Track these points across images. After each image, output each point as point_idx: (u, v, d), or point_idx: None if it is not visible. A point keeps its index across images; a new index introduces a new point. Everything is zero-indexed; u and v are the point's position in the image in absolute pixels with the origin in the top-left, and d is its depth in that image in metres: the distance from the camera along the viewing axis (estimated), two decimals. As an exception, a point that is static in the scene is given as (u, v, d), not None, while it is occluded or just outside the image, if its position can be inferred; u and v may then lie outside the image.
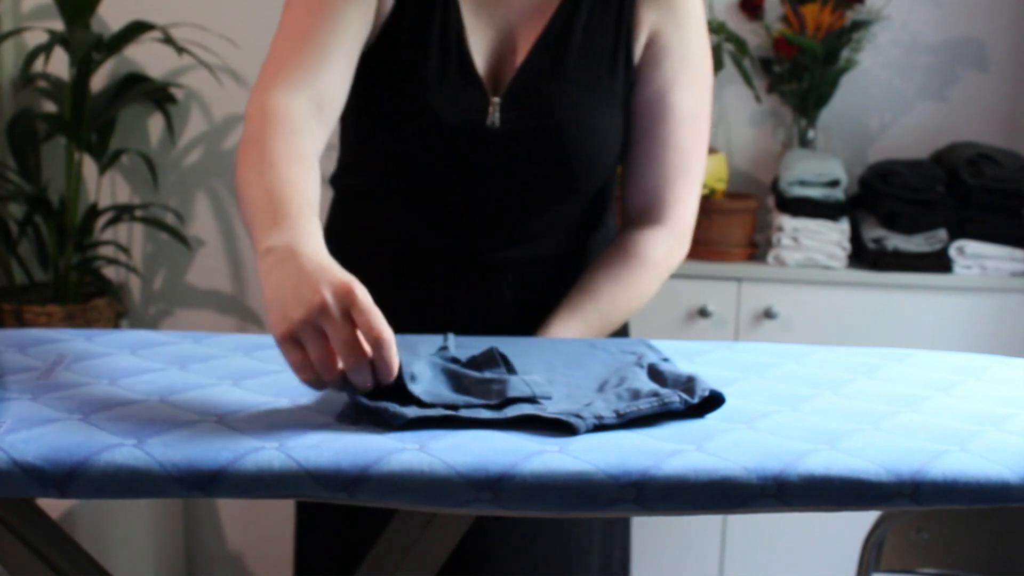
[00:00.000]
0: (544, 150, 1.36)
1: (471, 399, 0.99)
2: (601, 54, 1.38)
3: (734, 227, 2.44)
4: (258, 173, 1.12)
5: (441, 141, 1.35)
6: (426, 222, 1.40)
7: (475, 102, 1.35)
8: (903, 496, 0.88)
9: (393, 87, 1.36)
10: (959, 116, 2.67)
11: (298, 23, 1.29)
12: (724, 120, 2.69)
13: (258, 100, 1.23)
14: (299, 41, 1.28)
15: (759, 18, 2.61)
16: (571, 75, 1.37)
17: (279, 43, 1.29)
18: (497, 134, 1.35)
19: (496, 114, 1.35)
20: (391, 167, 1.39)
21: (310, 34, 1.28)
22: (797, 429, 0.97)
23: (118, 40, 2.49)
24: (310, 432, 0.92)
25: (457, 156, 1.36)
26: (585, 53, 1.37)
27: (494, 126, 1.35)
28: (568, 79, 1.36)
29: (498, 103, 1.35)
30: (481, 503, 0.86)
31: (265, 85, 1.25)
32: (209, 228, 2.75)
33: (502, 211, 1.39)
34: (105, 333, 1.23)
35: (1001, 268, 2.38)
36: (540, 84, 1.36)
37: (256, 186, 1.10)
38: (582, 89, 1.37)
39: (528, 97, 1.36)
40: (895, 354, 1.25)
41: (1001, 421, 1.01)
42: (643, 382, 1.04)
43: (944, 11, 2.64)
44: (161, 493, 0.87)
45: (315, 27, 1.28)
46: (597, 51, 1.38)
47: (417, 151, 1.36)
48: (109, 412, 0.96)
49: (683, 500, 0.87)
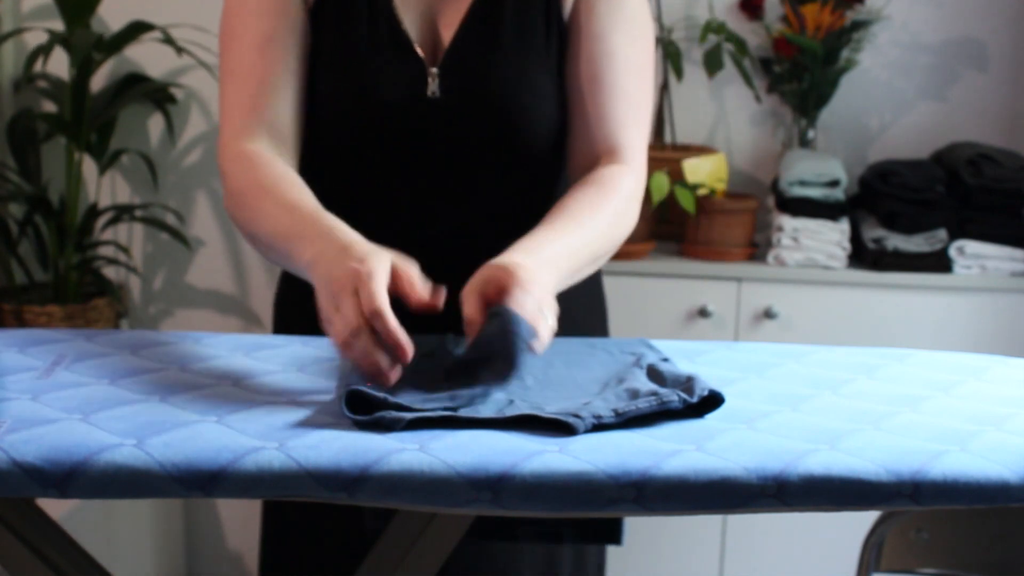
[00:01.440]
0: (486, 117, 1.36)
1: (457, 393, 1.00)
2: (534, 18, 1.38)
3: (734, 227, 2.44)
4: (265, 214, 1.23)
5: (383, 116, 1.35)
6: (379, 203, 1.39)
7: (414, 74, 1.36)
8: (903, 496, 0.88)
9: (329, 69, 1.37)
10: (959, 116, 2.67)
11: (240, 63, 1.36)
12: (724, 120, 2.69)
13: (229, 152, 1.32)
14: (245, 83, 1.35)
15: (759, 18, 2.61)
16: (505, 42, 1.37)
17: (228, 88, 1.37)
18: (438, 104, 1.35)
19: (435, 84, 1.36)
20: (338, 154, 1.39)
21: (253, 73, 1.34)
22: (797, 429, 0.97)
23: (118, 40, 2.49)
24: (310, 432, 0.92)
25: (400, 129, 1.36)
26: (516, 19, 1.38)
27: (435, 96, 1.36)
28: (503, 46, 1.37)
29: (436, 73, 1.36)
30: (481, 503, 0.86)
31: (229, 136, 1.34)
32: (209, 228, 2.75)
33: (450, 183, 1.38)
34: (105, 333, 1.23)
35: (1001, 268, 2.38)
36: (476, 52, 1.37)
37: (272, 220, 1.21)
38: (518, 55, 1.37)
39: (465, 66, 1.36)
40: (895, 354, 1.25)
41: (1001, 421, 1.01)
42: (642, 382, 1.04)
43: (944, 11, 2.64)
44: (161, 493, 0.87)
45: (255, 65, 1.34)
46: (529, 15, 1.38)
47: (361, 129, 1.36)
48: (109, 412, 0.96)
49: (683, 500, 0.87)
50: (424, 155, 1.37)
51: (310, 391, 1.05)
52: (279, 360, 1.16)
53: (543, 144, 1.40)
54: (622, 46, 1.39)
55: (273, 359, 1.16)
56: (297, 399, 1.02)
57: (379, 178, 1.39)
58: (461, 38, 1.37)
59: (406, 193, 1.39)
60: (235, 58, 1.37)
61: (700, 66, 2.55)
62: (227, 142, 1.34)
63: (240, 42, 1.36)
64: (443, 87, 1.36)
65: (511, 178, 1.41)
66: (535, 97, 1.37)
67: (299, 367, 1.13)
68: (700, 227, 2.43)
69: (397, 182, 1.39)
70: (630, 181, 1.36)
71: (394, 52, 1.37)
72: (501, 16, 1.38)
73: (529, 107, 1.37)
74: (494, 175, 1.40)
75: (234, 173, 1.31)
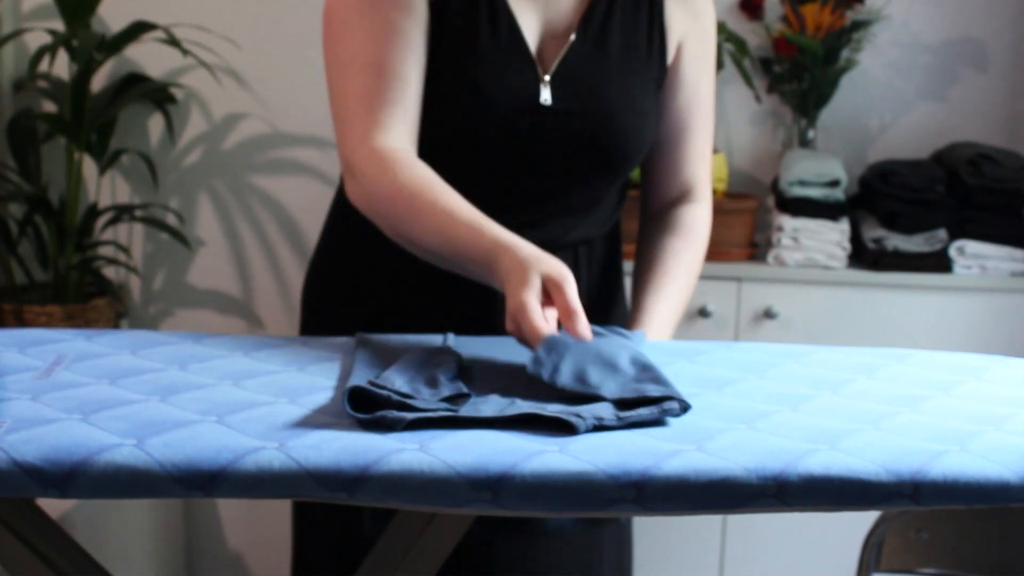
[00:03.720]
0: (593, 129, 1.39)
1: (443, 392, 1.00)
2: (638, 43, 1.43)
3: (734, 227, 2.44)
4: (425, 225, 1.24)
5: (496, 119, 1.35)
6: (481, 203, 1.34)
7: (528, 80, 1.37)
8: (903, 496, 0.88)
9: (448, 68, 1.36)
10: (959, 116, 2.67)
11: (367, 54, 1.31)
12: (724, 120, 2.69)
13: (363, 149, 1.29)
14: (376, 75, 1.30)
15: (759, 18, 2.61)
16: (613, 57, 1.41)
17: (355, 78, 1.31)
18: (549, 112, 1.37)
19: (547, 92, 1.37)
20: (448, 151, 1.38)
21: (384, 64, 1.30)
22: (797, 429, 0.97)
23: (119, 40, 2.49)
24: (310, 432, 0.92)
25: (512, 133, 1.36)
26: (623, 35, 1.41)
27: (546, 104, 1.37)
28: (610, 61, 1.40)
29: (548, 81, 1.37)
30: (481, 503, 0.86)
31: (360, 130, 1.29)
32: (209, 228, 2.75)
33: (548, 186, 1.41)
34: (105, 333, 1.23)
35: (1001, 268, 2.38)
36: (586, 65, 1.39)
37: (437, 232, 1.23)
38: (622, 72, 1.41)
39: (576, 77, 1.39)
40: (895, 354, 1.25)
41: (1001, 421, 1.01)
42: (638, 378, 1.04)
43: (944, 11, 2.64)
44: (161, 493, 0.87)
45: (386, 56, 1.30)
46: (634, 39, 1.42)
47: (473, 130, 1.36)
48: (109, 412, 0.96)
49: (683, 500, 0.87)
50: (530, 160, 1.39)
51: (310, 391, 1.05)
52: (279, 360, 1.16)
53: (635, 158, 1.45)
54: (707, 91, 1.49)
55: (273, 359, 1.16)
56: (297, 399, 1.02)
57: (482, 179, 1.39)
58: (572, 50, 1.39)
59: (507, 195, 1.40)
60: (357, 48, 1.31)
61: (700, 66, 2.55)
62: (358, 137, 1.29)
63: (363, 32, 1.31)
64: (554, 95, 1.37)
65: (598, 184, 1.45)
66: (636, 116, 1.41)
67: (299, 367, 1.13)
68: (700, 227, 2.43)
69: (501, 184, 1.40)
70: (705, 218, 1.52)
71: (512, 57, 1.37)
72: (609, 30, 1.41)
73: (631, 125, 1.41)
74: (587, 181, 1.43)
75: (374, 175, 1.27)
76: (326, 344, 1.23)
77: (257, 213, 2.73)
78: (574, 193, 1.43)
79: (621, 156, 1.41)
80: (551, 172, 1.40)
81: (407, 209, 1.25)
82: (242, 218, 2.74)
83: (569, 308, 1.10)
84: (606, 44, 1.40)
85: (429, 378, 1.05)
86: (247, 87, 2.67)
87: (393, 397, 0.96)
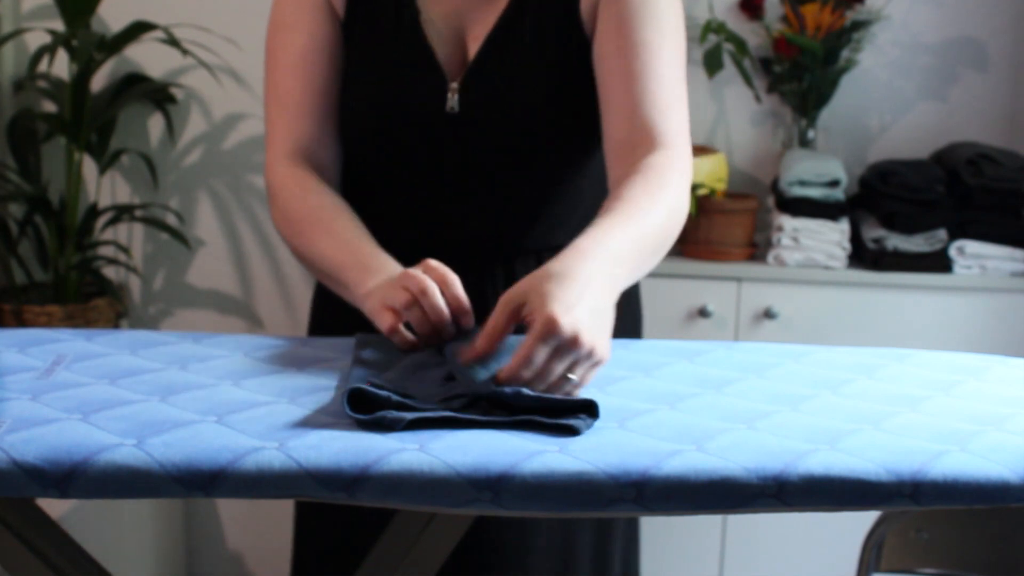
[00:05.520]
0: (502, 132, 1.38)
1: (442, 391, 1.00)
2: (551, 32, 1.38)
3: (734, 227, 2.44)
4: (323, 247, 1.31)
5: (403, 129, 1.39)
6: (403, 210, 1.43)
7: (433, 88, 1.38)
8: (903, 496, 0.88)
9: (355, 83, 1.41)
10: (959, 116, 2.67)
11: (279, 85, 1.42)
12: (724, 120, 2.69)
13: (278, 173, 1.39)
14: (284, 106, 1.41)
15: (759, 18, 2.61)
16: (526, 56, 1.38)
17: (270, 109, 1.43)
18: (456, 119, 1.38)
19: (455, 99, 1.38)
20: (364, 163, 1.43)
21: (290, 96, 1.41)
22: (797, 429, 0.97)
23: (119, 40, 2.49)
24: (310, 432, 0.92)
25: (419, 142, 1.39)
26: (536, 34, 1.38)
27: (453, 111, 1.38)
28: (524, 61, 1.38)
29: (456, 88, 1.38)
30: (481, 503, 0.86)
31: (274, 157, 1.40)
32: (209, 228, 2.75)
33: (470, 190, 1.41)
34: (105, 333, 1.23)
35: (1001, 268, 2.38)
36: (497, 70, 1.38)
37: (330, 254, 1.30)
38: (537, 69, 1.38)
39: (486, 81, 1.38)
40: (895, 354, 1.25)
41: (1001, 421, 1.01)
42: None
43: (944, 11, 2.64)
44: (161, 493, 0.87)
45: (291, 88, 1.40)
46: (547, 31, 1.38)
47: (383, 141, 1.40)
48: (109, 412, 0.96)
49: (683, 500, 0.87)
50: (444, 165, 1.40)
51: (310, 391, 1.05)
52: (279, 360, 1.16)
53: (561, 153, 1.41)
54: (654, 38, 1.35)
55: (273, 359, 1.16)
56: (297, 399, 1.02)
57: (402, 187, 1.42)
58: (483, 53, 1.38)
59: (428, 201, 1.42)
60: (275, 79, 1.42)
61: (700, 66, 2.55)
62: (274, 162, 1.40)
63: (278, 63, 1.42)
64: (462, 102, 1.38)
65: (530, 183, 1.42)
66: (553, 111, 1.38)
67: (299, 367, 1.13)
68: (700, 227, 2.43)
69: (420, 191, 1.42)
70: (677, 168, 1.32)
71: (416, 66, 1.39)
72: (522, 33, 1.38)
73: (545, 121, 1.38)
74: (514, 182, 1.41)
75: (286, 197, 1.37)
76: (326, 344, 1.23)
77: (257, 213, 2.73)
78: (505, 196, 1.41)
79: (535, 153, 1.38)
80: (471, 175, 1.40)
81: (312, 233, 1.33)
82: (242, 218, 2.74)
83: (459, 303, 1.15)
84: (519, 43, 1.38)
85: (429, 378, 1.05)
86: (247, 87, 2.67)
87: (392, 397, 0.96)
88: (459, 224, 1.42)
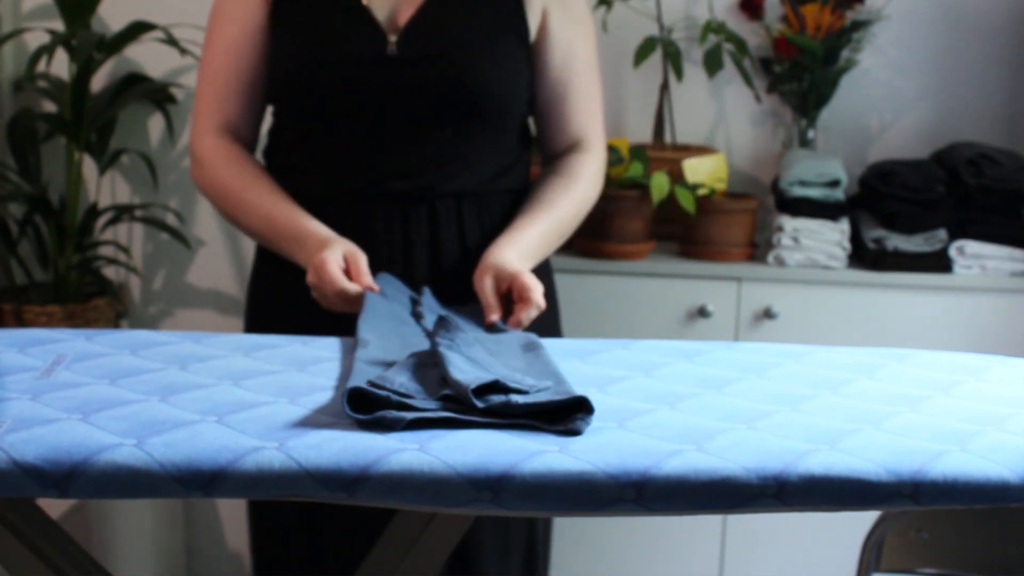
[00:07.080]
0: (443, 75, 1.50)
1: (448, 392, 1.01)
2: (497, 3, 1.55)
3: (734, 227, 2.44)
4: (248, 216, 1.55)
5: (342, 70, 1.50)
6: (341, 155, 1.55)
7: (372, 37, 1.51)
8: (903, 496, 0.88)
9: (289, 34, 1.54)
10: (959, 116, 2.67)
11: (210, 64, 1.59)
12: (724, 120, 2.69)
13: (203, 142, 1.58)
14: (213, 84, 1.59)
15: (759, 18, 2.61)
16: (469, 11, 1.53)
17: (202, 85, 1.60)
18: (396, 60, 1.50)
19: (394, 47, 1.51)
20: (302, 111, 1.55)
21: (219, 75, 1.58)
22: (797, 429, 0.97)
23: (119, 40, 2.49)
24: (310, 432, 0.92)
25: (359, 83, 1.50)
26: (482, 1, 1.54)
27: (393, 54, 1.50)
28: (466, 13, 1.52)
29: (394, 40, 1.51)
30: (481, 503, 0.86)
31: (202, 128, 1.59)
32: (209, 228, 2.74)
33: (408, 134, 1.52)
34: (105, 333, 1.24)
35: (1001, 268, 2.38)
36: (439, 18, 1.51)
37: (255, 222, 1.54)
38: (479, 20, 1.53)
39: (428, 29, 1.51)
40: (895, 354, 1.25)
41: (1001, 421, 1.01)
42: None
43: (944, 11, 2.64)
44: (161, 493, 0.87)
45: (220, 68, 1.58)
46: None
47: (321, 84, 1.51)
48: (109, 412, 0.96)
49: (683, 500, 0.87)
50: (382, 108, 1.51)
51: (310, 391, 1.05)
52: (279, 360, 1.16)
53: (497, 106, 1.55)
54: (584, 51, 1.62)
55: (273, 359, 1.16)
56: (297, 399, 1.02)
57: (340, 131, 1.54)
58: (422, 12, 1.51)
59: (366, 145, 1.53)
60: (209, 58, 1.60)
61: (700, 66, 2.55)
62: (202, 133, 1.59)
63: (213, 46, 1.59)
64: (402, 47, 1.50)
65: (467, 128, 1.54)
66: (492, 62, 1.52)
67: (299, 367, 1.13)
68: (700, 227, 2.43)
69: (357, 134, 1.53)
70: (593, 164, 1.62)
71: (351, 18, 1.52)
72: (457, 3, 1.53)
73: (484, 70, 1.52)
74: (451, 126, 1.53)
75: (212, 164, 1.57)
76: (326, 344, 1.23)
77: (257, 213, 2.73)
78: (437, 141, 1.53)
79: (475, 101, 1.52)
80: (407, 119, 1.51)
81: (236, 200, 1.54)
82: (242, 218, 2.74)
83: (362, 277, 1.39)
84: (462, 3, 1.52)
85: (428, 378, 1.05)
86: (247, 87, 2.67)
87: (392, 397, 0.96)
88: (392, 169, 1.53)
